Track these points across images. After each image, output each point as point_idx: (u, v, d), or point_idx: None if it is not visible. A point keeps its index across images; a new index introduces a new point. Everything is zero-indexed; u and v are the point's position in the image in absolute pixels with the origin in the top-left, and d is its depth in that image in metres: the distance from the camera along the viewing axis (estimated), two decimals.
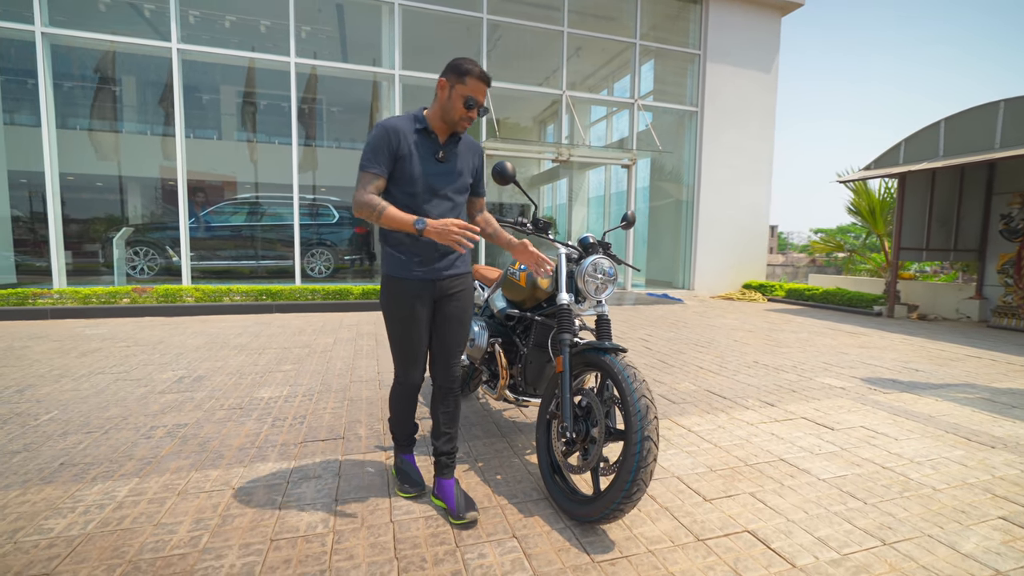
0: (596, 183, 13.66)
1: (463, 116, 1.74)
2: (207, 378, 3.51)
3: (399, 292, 1.77)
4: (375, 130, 1.72)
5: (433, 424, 1.94)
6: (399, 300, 1.77)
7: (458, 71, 1.71)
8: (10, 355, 4.08)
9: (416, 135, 1.75)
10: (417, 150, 1.74)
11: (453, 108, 1.72)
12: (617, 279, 2.03)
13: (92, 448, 2.32)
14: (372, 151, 1.69)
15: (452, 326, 1.86)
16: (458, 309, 1.87)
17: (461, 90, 1.71)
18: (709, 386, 3.53)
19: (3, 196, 7.48)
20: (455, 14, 8.46)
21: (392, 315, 1.80)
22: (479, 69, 1.72)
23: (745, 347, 4.96)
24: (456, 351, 1.90)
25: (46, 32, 6.54)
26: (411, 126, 1.75)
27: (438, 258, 1.80)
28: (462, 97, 1.71)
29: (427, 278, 1.79)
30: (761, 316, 7.29)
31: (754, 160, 10.04)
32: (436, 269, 1.80)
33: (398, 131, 1.71)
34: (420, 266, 1.77)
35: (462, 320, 1.89)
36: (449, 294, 1.85)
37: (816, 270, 21.94)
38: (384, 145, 1.69)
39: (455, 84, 1.71)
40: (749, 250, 10.22)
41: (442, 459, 1.90)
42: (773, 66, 10.00)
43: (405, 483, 1.95)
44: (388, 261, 1.80)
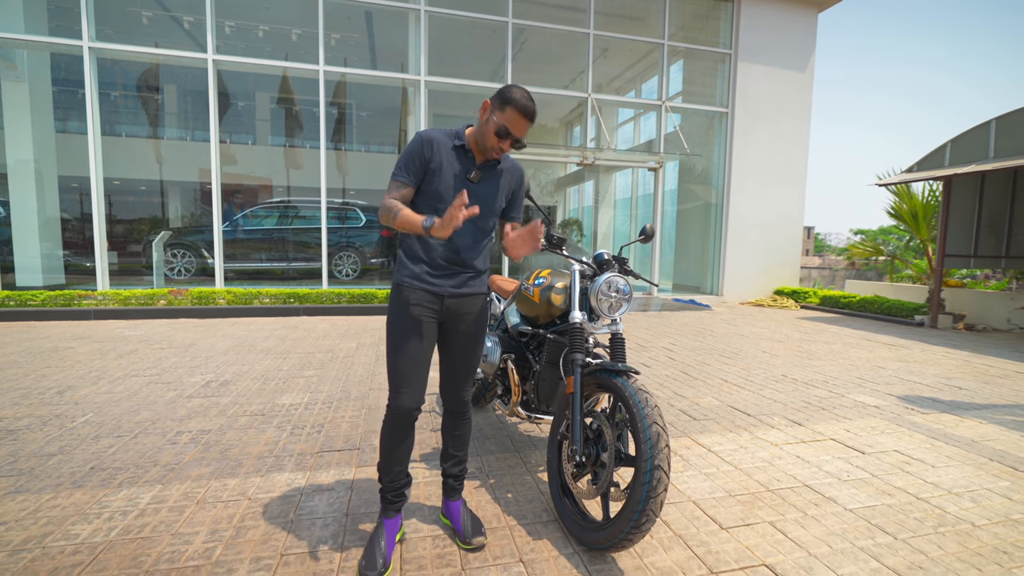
0: (623, 186, 13.49)
1: (494, 145, 1.66)
2: (233, 383, 3.61)
3: (403, 300, 1.70)
4: (413, 139, 1.69)
5: (443, 445, 1.88)
6: (401, 308, 1.70)
7: (503, 98, 1.63)
8: (55, 356, 4.30)
9: (453, 151, 1.70)
10: (450, 166, 1.68)
11: (486, 134, 1.66)
12: (632, 297, 1.98)
13: (121, 452, 2.41)
14: (405, 159, 1.67)
15: (460, 350, 1.79)
16: (467, 334, 1.79)
17: (499, 117, 1.63)
18: (733, 401, 3.42)
19: (54, 199, 7.92)
20: (480, 19, 8.49)
21: (392, 323, 1.72)
22: (525, 102, 1.62)
23: (774, 359, 4.79)
24: (466, 376, 1.82)
25: (93, 46, 6.88)
26: (449, 141, 1.70)
27: (447, 272, 1.73)
28: (497, 125, 1.63)
29: (436, 292, 1.71)
30: (793, 325, 7.03)
31: (787, 162, 9.71)
32: (446, 285, 1.71)
33: (433, 143, 1.67)
34: (431, 278, 1.71)
35: (472, 344, 1.81)
36: (459, 315, 1.76)
37: (855, 274, 21.05)
38: (417, 155, 1.66)
39: (495, 110, 1.64)
40: (781, 254, 9.89)
41: (449, 481, 1.87)
42: (808, 65, 9.65)
43: (364, 559, 1.61)
44: (399, 269, 1.76)
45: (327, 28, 8.89)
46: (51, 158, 7.83)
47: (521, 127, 1.64)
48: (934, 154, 7.01)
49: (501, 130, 1.62)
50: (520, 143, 1.69)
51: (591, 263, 2.04)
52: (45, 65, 7.72)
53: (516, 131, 1.64)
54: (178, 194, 11.64)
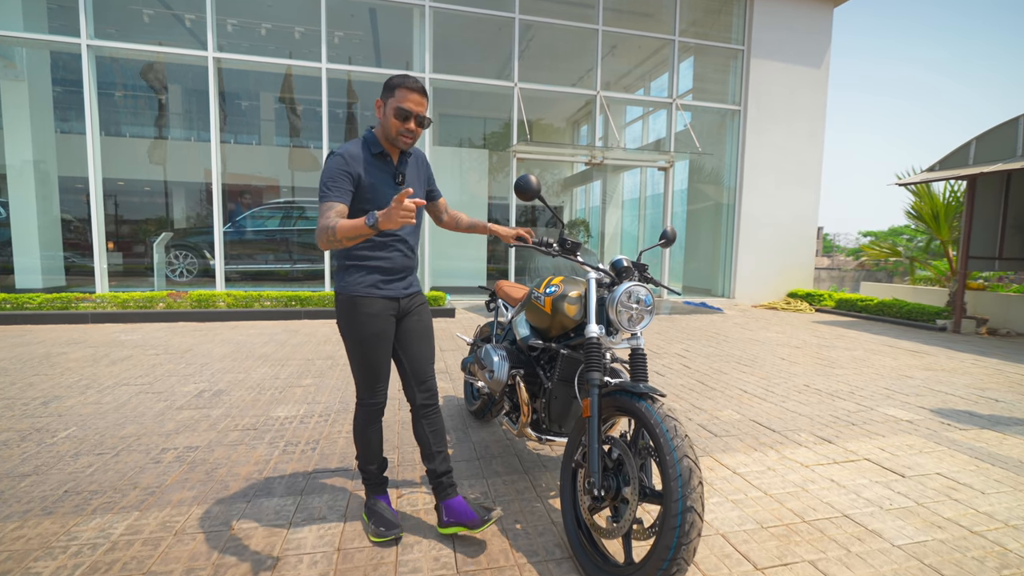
0: (631, 186, 13.26)
1: (400, 130, 1.67)
2: (226, 392, 3.44)
3: (364, 310, 1.70)
4: (330, 159, 1.63)
5: (422, 448, 1.85)
6: (364, 319, 1.70)
7: (388, 86, 1.67)
8: (47, 362, 4.16)
9: (372, 160, 1.70)
10: (376, 176, 1.69)
11: (389, 124, 1.67)
12: (655, 309, 1.78)
13: (99, 473, 2.24)
14: (329, 181, 1.60)
15: (418, 341, 1.84)
16: (421, 324, 1.86)
17: (392, 103, 1.65)
18: (755, 415, 3.21)
19: (54, 200, 7.82)
20: (486, 15, 8.30)
21: (356, 336, 1.72)
22: (410, 79, 1.66)
23: (793, 367, 4.56)
24: (428, 365, 1.85)
25: (91, 44, 6.76)
26: (366, 152, 1.69)
27: (400, 277, 1.78)
28: (393, 109, 1.64)
29: (391, 296, 1.76)
30: (809, 329, 6.79)
31: (801, 161, 9.45)
32: (397, 288, 1.77)
33: (355, 158, 1.65)
34: (387, 285, 1.74)
35: (428, 331, 1.88)
36: (410, 311, 1.83)
37: (865, 275, 20.69)
38: (342, 173, 1.61)
39: (387, 100, 1.66)
40: (795, 256, 9.63)
41: (443, 480, 1.83)
42: (824, 61, 9.38)
43: (380, 526, 1.78)
44: (348, 279, 1.72)
45: (331, 26, 8.73)
46: (51, 158, 7.73)
47: (415, 101, 1.65)
48: (957, 152, 6.75)
49: (400, 111, 1.63)
50: (424, 120, 1.68)
51: (609, 271, 1.85)
52: (45, 64, 7.62)
53: (413, 107, 1.64)
54: (180, 195, 11.54)
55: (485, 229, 2.09)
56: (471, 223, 2.09)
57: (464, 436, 2.76)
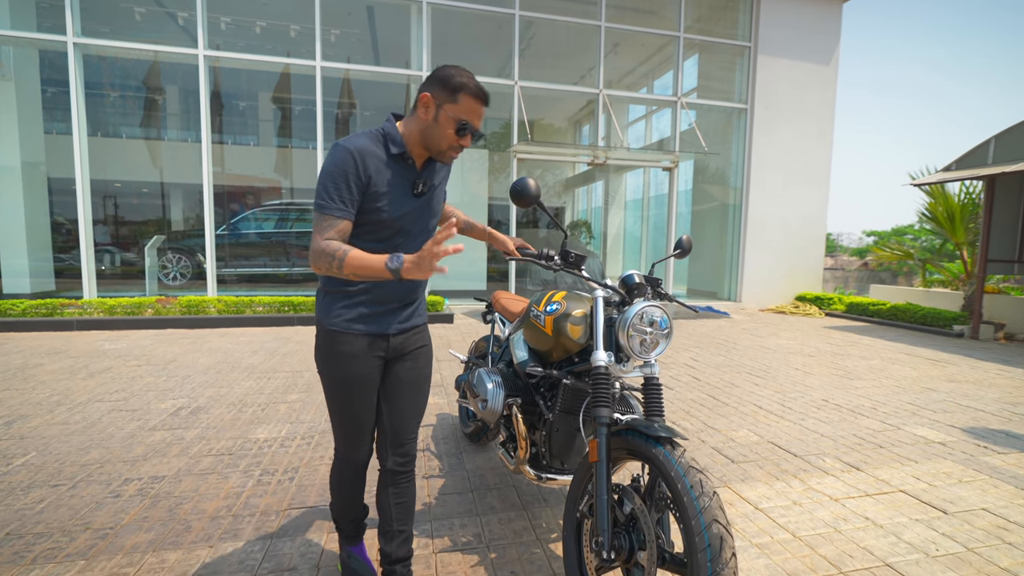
0: (634, 186, 13.02)
1: (452, 145, 1.33)
2: (205, 410, 3.21)
3: (343, 350, 1.37)
4: (335, 154, 1.26)
5: (381, 520, 1.50)
6: (342, 360, 1.38)
7: (448, 85, 1.28)
8: (20, 376, 3.94)
9: (390, 161, 1.32)
10: (389, 183, 1.31)
11: (440, 135, 1.31)
12: (672, 331, 1.55)
13: (50, 510, 2.02)
14: (332, 184, 1.25)
15: (406, 394, 1.49)
16: (415, 372, 1.51)
17: (452, 111, 1.29)
18: (773, 435, 2.97)
19: (43, 202, 7.62)
20: (486, 11, 8.07)
21: (333, 377, 1.40)
22: (476, 83, 1.30)
23: (809, 378, 4.32)
24: (411, 425, 1.52)
25: (78, 42, 6.55)
26: (381, 149, 1.31)
27: (395, 308, 1.43)
28: (454, 121, 1.29)
29: (379, 332, 1.41)
30: (821, 335, 6.54)
31: (810, 161, 9.19)
32: (390, 321, 1.42)
33: (367, 157, 1.27)
34: (374, 318, 1.40)
35: (419, 386, 1.53)
36: (404, 353, 1.49)
37: (869, 275, 20.39)
38: (349, 175, 1.25)
39: (444, 103, 1.29)
40: (803, 258, 9.37)
41: (396, 570, 1.48)
42: (832, 58, 9.13)
43: None
44: (327, 308, 1.39)
45: (328, 24, 8.51)
46: (40, 160, 7.53)
47: (480, 115, 1.34)
48: (975, 152, 6.49)
49: (463, 125, 1.30)
50: (481, 134, 1.38)
51: (618, 288, 1.61)
52: (33, 64, 7.41)
53: (477, 121, 1.33)
54: (173, 197, 11.33)
55: (483, 234, 1.83)
56: (467, 223, 1.79)
57: (457, 463, 2.53)
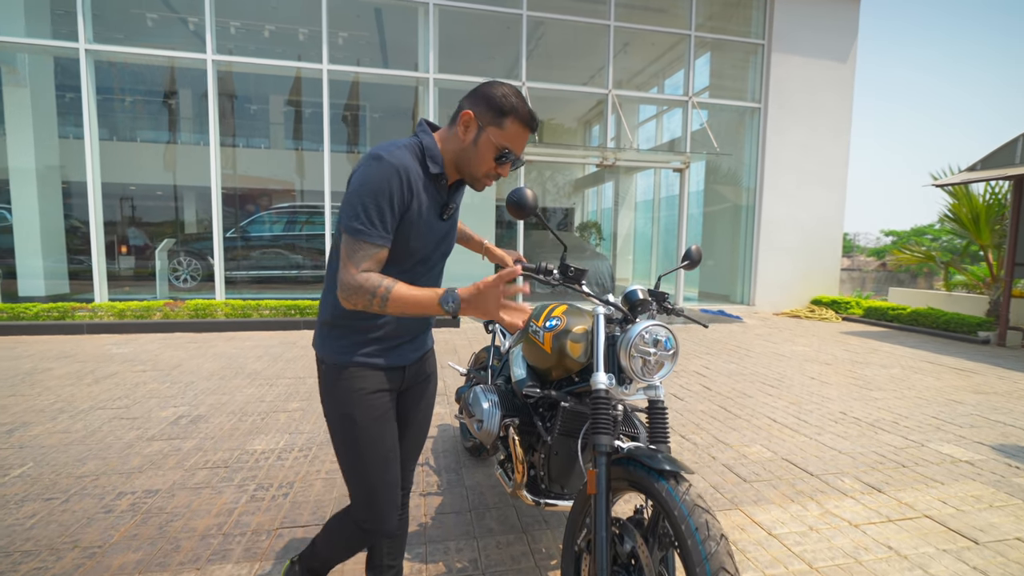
0: (644, 187, 12.87)
1: (490, 172, 1.18)
2: (205, 419, 3.18)
3: (362, 386, 1.18)
4: (377, 168, 1.05)
5: (370, 554, 1.40)
6: (364, 398, 1.18)
7: (496, 106, 1.11)
8: (27, 381, 3.95)
9: (427, 182, 1.15)
10: (426, 207, 1.15)
11: (479, 159, 1.15)
12: (678, 352, 1.45)
13: (41, 526, 1.98)
14: (375, 205, 1.04)
15: (411, 429, 1.36)
16: (423, 404, 1.38)
17: (496, 136, 1.13)
18: (788, 452, 2.84)
19: (57, 206, 7.71)
20: (493, 12, 8.00)
21: (351, 424, 1.19)
22: (527, 108, 1.14)
23: (825, 388, 4.17)
24: (411, 464, 1.41)
25: (90, 48, 6.61)
26: (419, 169, 1.13)
27: (415, 334, 1.29)
28: (496, 148, 1.14)
29: (399, 364, 1.25)
30: (838, 341, 6.35)
31: (826, 161, 8.96)
32: (407, 351, 1.27)
33: (412, 176, 1.10)
34: (391, 350, 1.23)
35: (424, 422, 1.40)
36: (415, 383, 1.34)
37: (888, 276, 19.89)
38: (395, 198, 1.06)
39: (488, 126, 1.13)
40: (819, 260, 9.14)
41: None
42: (849, 55, 8.89)
43: None
44: (336, 343, 1.20)
45: (336, 27, 8.51)
46: (54, 164, 7.62)
47: (524, 142, 1.19)
48: (1002, 150, 6.25)
49: (506, 153, 1.15)
50: (521, 162, 1.23)
51: (620, 305, 1.52)
52: (48, 69, 7.51)
53: (520, 149, 1.18)
54: (185, 199, 11.44)
55: (480, 247, 1.73)
56: (462, 234, 1.68)
57: (456, 479, 2.45)
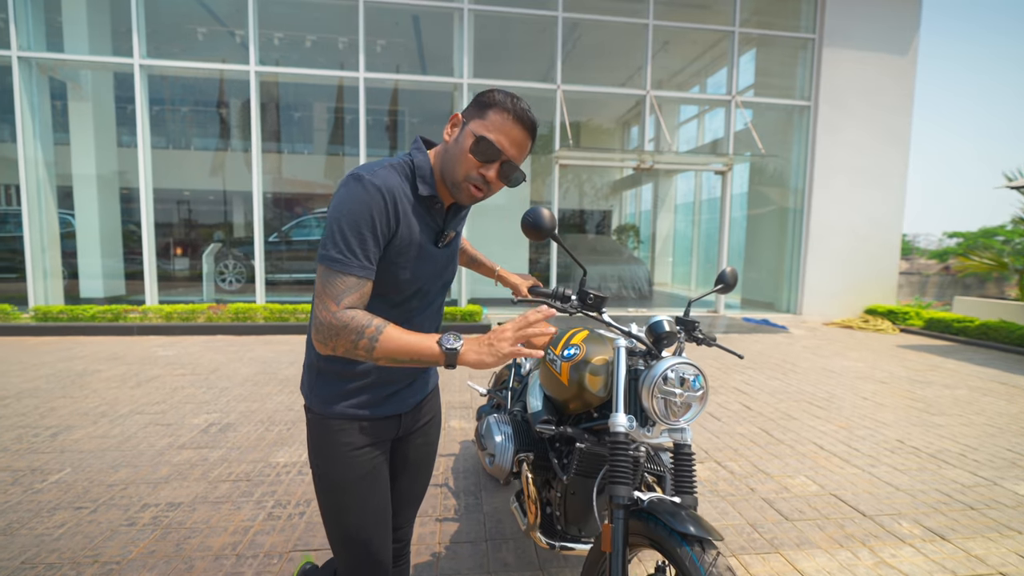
0: (685, 189, 12.47)
1: (470, 175, 0.99)
2: (235, 427, 3.23)
3: (348, 441, 1.07)
4: (358, 191, 0.93)
5: None
6: (349, 454, 1.07)
7: (482, 102, 0.99)
8: (77, 383, 4.16)
9: (417, 204, 1.02)
10: (417, 234, 1.02)
11: (459, 156, 0.99)
12: (708, 394, 1.30)
13: (67, 537, 2.03)
14: (355, 233, 0.92)
15: (408, 476, 1.25)
16: (424, 450, 1.26)
17: (477, 126, 0.98)
18: (837, 486, 2.60)
19: (115, 212, 8.18)
20: (528, 15, 7.91)
21: (336, 483, 1.08)
22: (518, 102, 0.98)
23: (880, 411, 3.83)
24: (410, 511, 1.30)
25: (143, 63, 6.96)
26: (409, 191, 1.01)
27: (415, 375, 1.17)
28: (474, 139, 0.97)
29: (392, 413, 1.13)
30: (895, 356, 5.88)
31: (882, 160, 8.36)
32: (404, 397, 1.15)
33: (398, 199, 0.97)
34: (385, 398, 1.11)
35: (425, 467, 1.29)
36: (414, 428, 1.22)
37: (951, 281, 18.41)
38: (379, 225, 0.94)
39: (472, 119, 0.99)
40: (874, 267, 8.54)
41: None
42: (911, 47, 8.27)
43: None
44: (322, 390, 1.08)
45: (374, 34, 8.65)
46: (113, 171, 8.08)
47: (514, 139, 0.98)
48: None
49: (484, 145, 0.96)
50: (515, 170, 1.01)
51: (644, 337, 1.38)
52: (108, 84, 7.98)
53: (508, 145, 0.97)
54: (234, 205, 11.94)
55: (492, 272, 1.65)
56: (473, 259, 1.62)
57: (475, 504, 2.36)
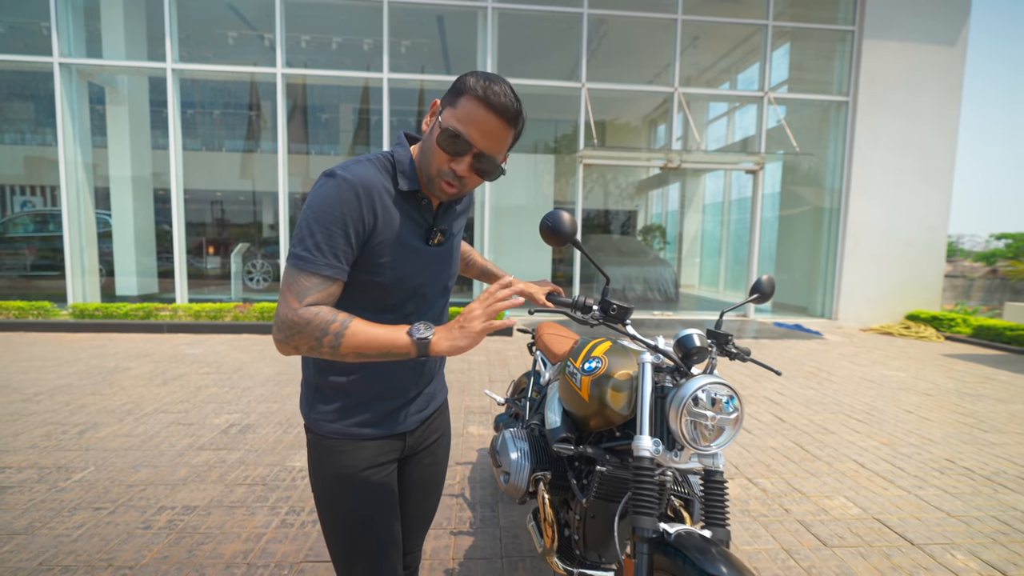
0: (714, 188, 12.14)
1: (441, 170, 0.92)
2: (254, 429, 3.23)
3: (348, 462, 1.00)
4: (329, 188, 0.88)
5: None
6: (354, 482, 1.01)
7: (456, 87, 0.91)
8: (108, 380, 4.26)
9: (400, 200, 0.96)
10: (402, 231, 0.96)
11: (431, 150, 0.92)
12: (742, 416, 1.18)
13: (84, 540, 2.03)
14: (323, 231, 0.87)
15: (416, 498, 1.17)
16: (432, 470, 1.19)
17: (447, 117, 0.90)
18: (880, 509, 2.41)
19: (149, 212, 8.42)
20: (552, 12, 7.79)
21: (338, 508, 1.02)
22: (493, 86, 0.88)
23: (926, 426, 3.59)
24: (419, 535, 1.22)
25: (175, 68, 7.14)
26: (388, 183, 0.94)
27: (416, 394, 1.09)
28: (441, 131, 0.90)
29: (396, 432, 1.06)
30: (940, 366, 5.54)
31: (927, 157, 7.92)
32: (408, 413, 1.07)
33: (374, 194, 0.91)
34: (384, 415, 1.04)
35: (434, 487, 1.21)
36: (422, 448, 1.15)
37: (999, 285, 17.40)
38: (350, 222, 0.89)
39: (445, 107, 0.92)
40: (917, 271, 8.11)
41: None
42: (960, 36, 7.80)
43: None
44: (319, 407, 1.02)
45: (399, 35, 8.69)
46: (147, 173, 8.33)
47: (487, 130, 0.88)
48: None
49: (452, 135, 0.88)
50: (491, 163, 0.92)
51: (672, 353, 1.27)
52: (143, 88, 8.22)
53: (478, 137, 0.88)
54: (263, 205, 12.19)
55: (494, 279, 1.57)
56: (483, 270, 1.53)
57: (491, 516, 2.28)
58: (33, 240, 9.15)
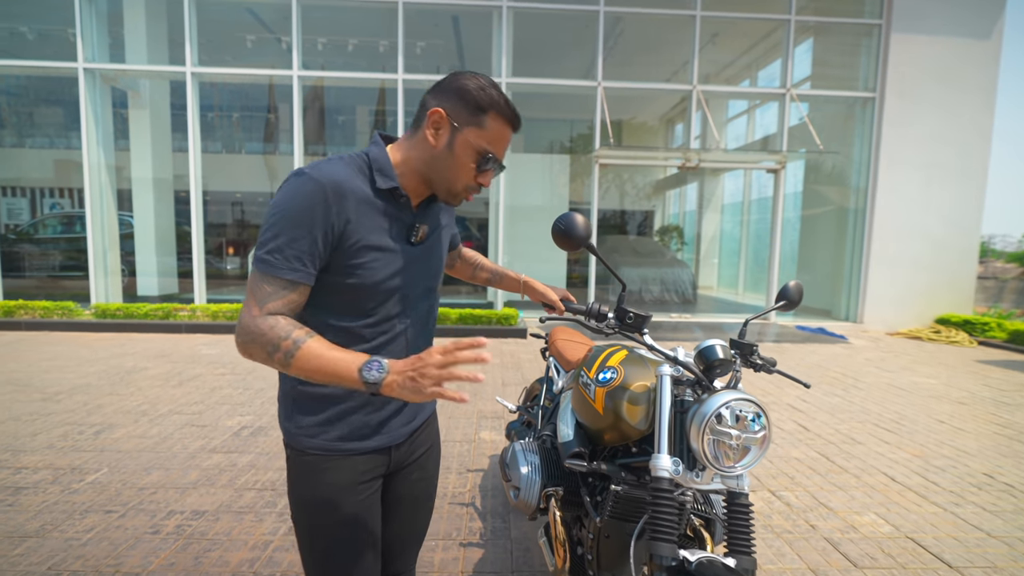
0: (734, 188, 11.90)
1: (470, 185, 0.95)
2: (266, 431, 3.22)
3: (329, 480, 0.96)
4: (296, 187, 0.85)
5: None
6: (334, 500, 0.96)
7: (474, 101, 0.89)
8: (125, 380, 4.31)
9: (376, 200, 0.92)
10: (379, 231, 0.92)
11: (458, 167, 0.92)
12: (769, 435, 1.09)
13: (94, 544, 2.02)
14: (288, 233, 0.83)
15: (405, 514, 1.12)
16: (421, 485, 1.13)
17: (477, 138, 0.90)
18: (913, 527, 2.28)
19: (170, 213, 8.57)
20: (568, 10, 7.70)
21: (320, 526, 0.97)
22: (507, 101, 0.92)
23: (961, 437, 3.41)
24: (410, 553, 1.17)
25: (195, 71, 7.24)
26: (366, 183, 0.91)
27: (400, 407, 1.03)
28: (476, 151, 0.91)
29: (381, 446, 1.00)
30: (973, 373, 5.30)
31: (960, 154, 7.61)
32: (394, 427, 1.02)
33: (345, 194, 0.87)
34: (368, 428, 0.98)
35: (423, 502, 1.15)
36: (405, 464, 1.09)
37: None
38: (317, 223, 0.84)
39: (465, 126, 0.90)
40: (948, 273, 7.80)
41: None
42: (995, 29, 7.48)
43: None
44: (298, 419, 0.97)
45: (414, 36, 8.69)
46: (168, 175, 8.47)
47: (507, 144, 0.97)
48: None
49: (488, 157, 0.93)
50: (502, 166, 0.98)
51: (693, 365, 1.18)
52: (164, 91, 8.36)
53: (503, 151, 0.96)
54: None
55: (517, 284, 1.44)
56: (494, 274, 1.44)
57: (502, 527, 2.21)
58: (60, 241, 9.39)
